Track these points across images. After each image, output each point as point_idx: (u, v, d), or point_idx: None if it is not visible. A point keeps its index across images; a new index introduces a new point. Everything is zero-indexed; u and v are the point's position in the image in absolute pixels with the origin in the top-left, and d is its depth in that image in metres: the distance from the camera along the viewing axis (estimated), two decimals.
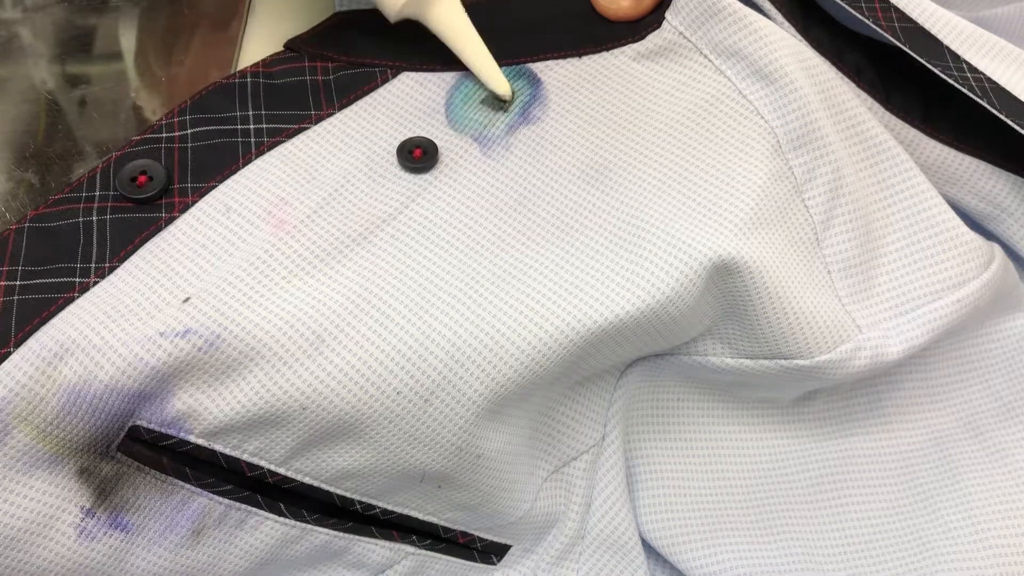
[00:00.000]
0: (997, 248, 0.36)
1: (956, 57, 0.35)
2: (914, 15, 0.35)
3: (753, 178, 0.33)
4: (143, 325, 0.28)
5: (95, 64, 0.38)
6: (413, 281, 0.31)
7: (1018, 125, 0.33)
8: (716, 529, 0.35)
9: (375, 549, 0.32)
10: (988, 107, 0.34)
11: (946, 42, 0.35)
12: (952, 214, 0.35)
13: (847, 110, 0.35)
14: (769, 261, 0.32)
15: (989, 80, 0.34)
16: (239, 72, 0.35)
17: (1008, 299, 0.37)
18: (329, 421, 0.29)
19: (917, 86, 0.38)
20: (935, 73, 0.34)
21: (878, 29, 0.35)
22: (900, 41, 0.35)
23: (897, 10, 0.35)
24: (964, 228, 0.35)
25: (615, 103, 0.36)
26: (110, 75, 0.38)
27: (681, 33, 0.37)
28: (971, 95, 0.34)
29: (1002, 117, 0.33)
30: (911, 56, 0.35)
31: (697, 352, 0.35)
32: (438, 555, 0.33)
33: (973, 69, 0.34)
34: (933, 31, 0.35)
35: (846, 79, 0.37)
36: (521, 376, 0.30)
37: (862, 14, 0.35)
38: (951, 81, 0.34)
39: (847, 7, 0.35)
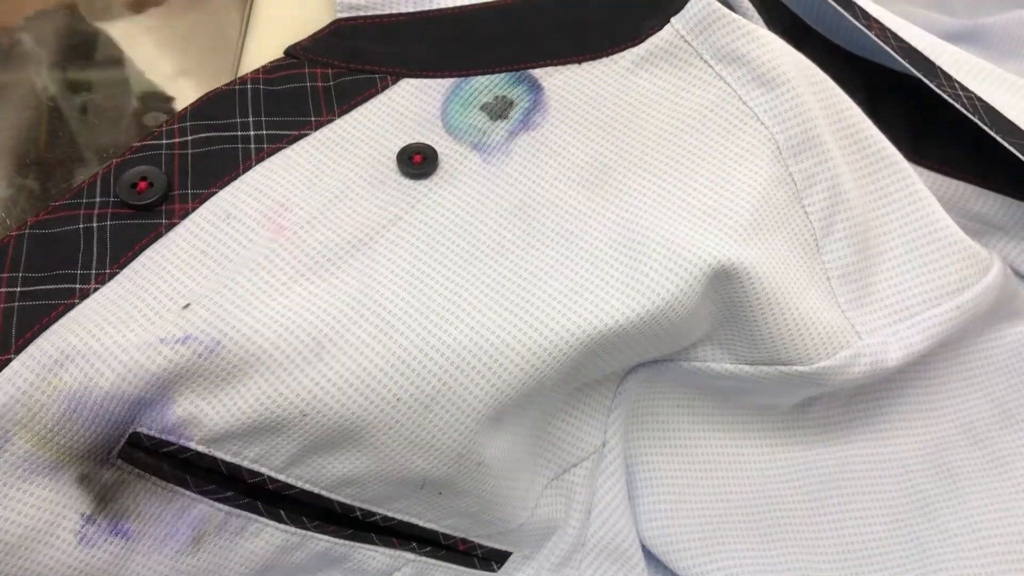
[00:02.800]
0: (996, 255, 0.36)
1: (949, 78, 0.36)
2: (906, 37, 0.37)
3: (753, 184, 0.34)
4: (143, 331, 0.28)
5: (96, 70, 0.38)
6: (413, 287, 0.31)
7: (1009, 143, 0.34)
8: (716, 535, 0.35)
9: (375, 556, 0.32)
10: (980, 123, 0.35)
11: (938, 63, 0.36)
12: (950, 221, 0.35)
13: (847, 118, 0.35)
14: (769, 267, 0.32)
15: (980, 100, 0.35)
16: (239, 79, 0.35)
17: (1008, 306, 0.37)
18: (329, 428, 0.29)
19: (905, 117, 0.39)
20: (924, 100, 0.36)
21: (880, 43, 0.35)
22: (899, 55, 0.35)
23: (895, 34, 0.36)
24: (962, 235, 0.35)
25: (615, 109, 0.36)
26: (111, 82, 0.38)
27: (683, 37, 0.37)
28: (964, 111, 0.35)
29: (992, 134, 0.35)
30: (900, 85, 0.36)
31: (697, 358, 0.35)
32: (438, 562, 0.33)
33: (965, 89, 0.36)
34: (926, 53, 0.36)
35: None
36: (521, 382, 0.30)
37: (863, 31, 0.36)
38: (946, 97, 0.35)
39: (851, 19, 0.36)
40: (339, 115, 0.35)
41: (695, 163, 0.34)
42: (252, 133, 0.34)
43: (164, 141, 0.33)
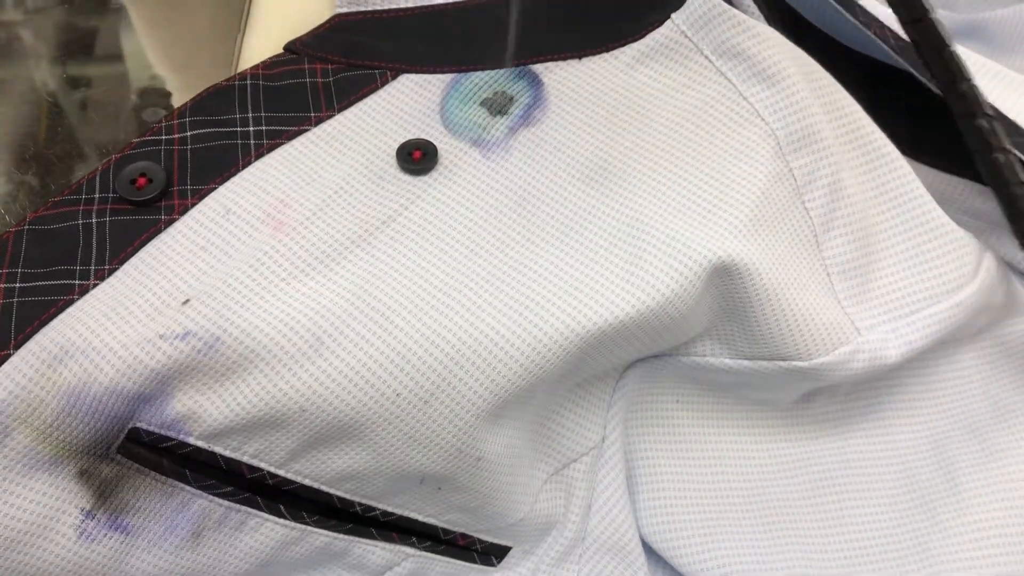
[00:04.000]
0: (990, 251, 0.36)
1: None
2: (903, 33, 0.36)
3: (753, 180, 0.34)
4: (143, 327, 0.28)
5: (96, 66, 0.38)
6: (413, 283, 0.31)
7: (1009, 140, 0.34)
8: (716, 530, 0.35)
9: (375, 551, 0.32)
10: None
11: None
12: (947, 219, 0.35)
13: (847, 114, 0.35)
14: (769, 263, 0.32)
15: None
16: (239, 74, 0.35)
17: (1005, 302, 0.37)
18: (329, 423, 0.29)
19: (905, 113, 0.38)
20: (924, 96, 0.35)
21: (879, 42, 0.35)
22: (896, 53, 0.35)
23: (894, 32, 0.36)
24: (961, 232, 0.35)
25: (615, 105, 0.36)
26: (111, 77, 0.38)
27: (683, 32, 0.37)
28: None
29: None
30: (899, 81, 0.36)
31: (696, 353, 0.35)
32: (438, 557, 0.33)
33: None
34: None
35: None
36: (521, 378, 0.30)
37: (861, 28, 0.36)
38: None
39: (847, 15, 0.36)
40: (339, 111, 0.35)
41: (696, 159, 0.34)
42: (251, 129, 0.34)
43: (163, 137, 0.33)
